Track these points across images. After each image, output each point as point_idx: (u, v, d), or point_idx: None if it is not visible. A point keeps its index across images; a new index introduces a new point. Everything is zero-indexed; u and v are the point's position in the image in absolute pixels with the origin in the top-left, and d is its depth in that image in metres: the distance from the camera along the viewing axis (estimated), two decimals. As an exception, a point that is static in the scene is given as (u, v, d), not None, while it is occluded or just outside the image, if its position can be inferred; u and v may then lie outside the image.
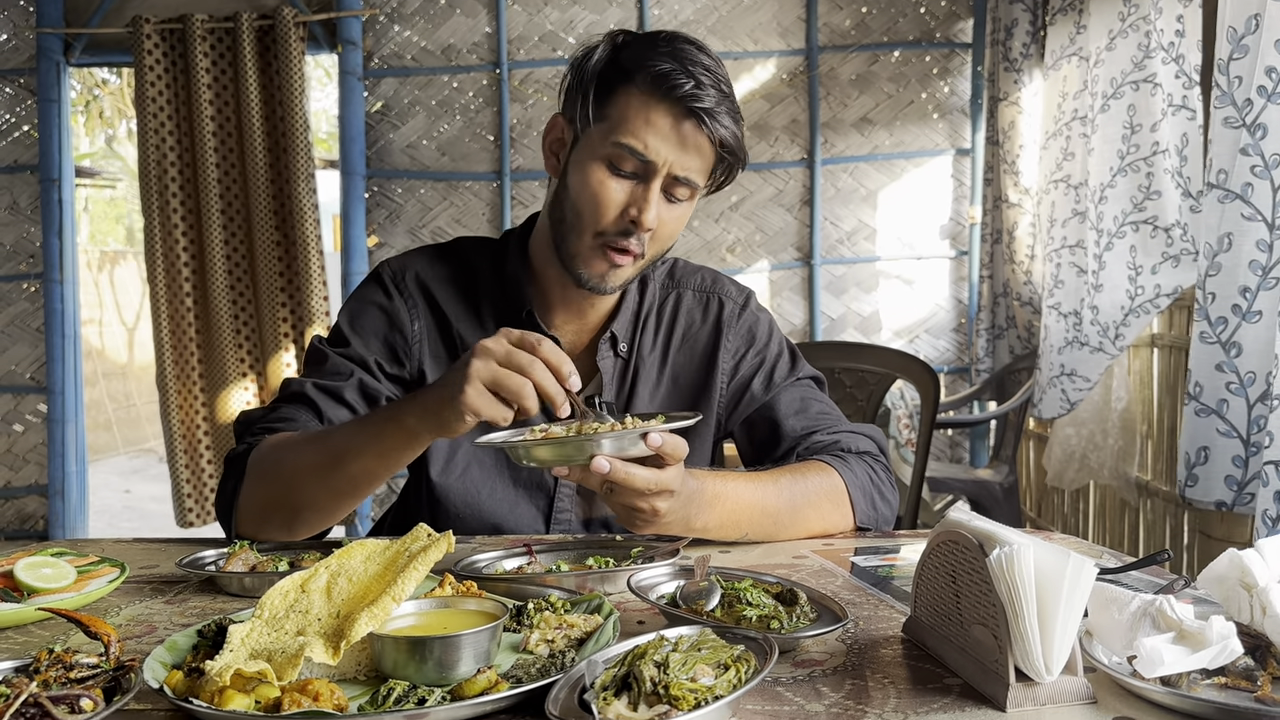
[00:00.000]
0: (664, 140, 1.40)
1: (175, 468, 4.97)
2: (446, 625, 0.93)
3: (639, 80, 1.40)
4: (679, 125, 1.40)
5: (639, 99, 1.40)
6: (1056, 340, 3.64)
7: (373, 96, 5.06)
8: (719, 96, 1.40)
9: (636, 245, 1.44)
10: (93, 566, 1.24)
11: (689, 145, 1.41)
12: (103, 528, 6.52)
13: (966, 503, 4.22)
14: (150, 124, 4.83)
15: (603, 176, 1.42)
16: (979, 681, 0.85)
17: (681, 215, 1.48)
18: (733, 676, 0.80)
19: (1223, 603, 0.91)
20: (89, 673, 0.84)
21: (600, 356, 1.58)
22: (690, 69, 1.38)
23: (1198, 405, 2.30)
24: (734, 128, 1.43)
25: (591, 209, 1.43)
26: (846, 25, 5.01)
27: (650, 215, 1.41)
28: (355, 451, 1.32)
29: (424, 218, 5.06)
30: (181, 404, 4.94)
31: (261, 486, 1.42)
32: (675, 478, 1.17)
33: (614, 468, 1.11)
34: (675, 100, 1.38)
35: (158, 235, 4.87)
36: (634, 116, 1.40)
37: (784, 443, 1.59)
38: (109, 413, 10.47)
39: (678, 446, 1.15)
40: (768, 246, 5.09)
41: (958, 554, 0.90)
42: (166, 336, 4.91)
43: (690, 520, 1.29)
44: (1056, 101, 3.75)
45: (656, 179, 1.41)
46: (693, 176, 1.43)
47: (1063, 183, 3.66)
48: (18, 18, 5.02)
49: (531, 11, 5.02)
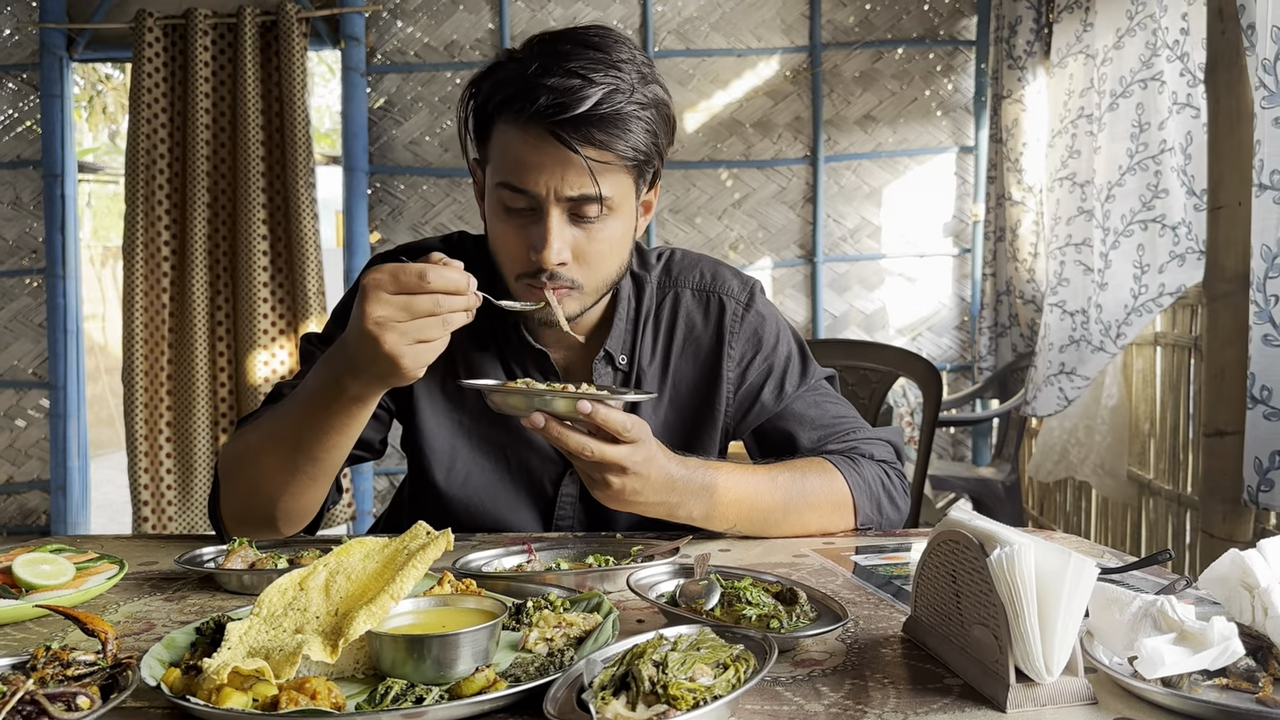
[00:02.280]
0: (536, 169, 1.28)
1: (134, 471, 4.86)
2: (445, 624, 0.92)
3: (500, 110, 1.30)
4: (543, 148, 1.27)
5: (502, 131, 1.31)
6: (1058, 338, 3.63)
7: (375, 92, 5.05)
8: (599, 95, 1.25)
9: (558, 281, 1.34)
10: (91, 563, 1.24)
11: (566, 165, 1.27)
12: (104, 523, 6.53)
13: (968, 501, 4.22)
14: (144, 115, 4.81)
15: (499, 223, 1.35)
16: (979, 682, 0.85)
17: (610, 235, 1.35)
18: (732, 676, 0.79)
19: (1224, 603, 0.91)
20: (86, 670, 0.84)
21: (597, 376, 1.53)
22: (544, 80, 1.24)
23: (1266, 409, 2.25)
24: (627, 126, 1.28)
25: (501, 254, 1.38)
26: (850, 22, 5.00)
27: (552, 251, 1.30)
28: (308, 430, 1.29)
29: (426, 214, 5.06)
30: (147, 402, 4.86)
31: (235, 487, 1.41)
32: (626, 454, 1.20)
33: (549, 425, 1.18)
34: (531, 121, 1.26)
35: (140, 227, 4.83)
36: (502, 152, 1.32)
37: (800, 453, 1.54)
38: (111, 408, 10.45)
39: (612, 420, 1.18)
40: (770, 244, 5.08)
41: (958, 554, 0.90)
42: (139, 332, 4.84)
43: (674, 508, 1.30)
44: (1062, 99, 3.74)
45: (550, 209, 1.30)
46: (587, 192, 1.29)
47: (1068, 180, 3.65)
48: (21, 13, 5.02)
49: (535, 8, 5.02)
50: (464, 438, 1.56)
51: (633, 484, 1.23)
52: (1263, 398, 2.26)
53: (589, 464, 1.21)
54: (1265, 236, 2.21)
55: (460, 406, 1.56)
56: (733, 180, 5.09)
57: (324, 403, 1.27)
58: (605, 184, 1.30)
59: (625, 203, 1.36)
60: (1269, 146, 2.18)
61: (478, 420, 1.56)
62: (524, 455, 1.57)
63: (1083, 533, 4.19)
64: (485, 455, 1.57)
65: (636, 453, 1.21)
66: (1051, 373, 3.62)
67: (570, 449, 1.19)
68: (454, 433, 1.56)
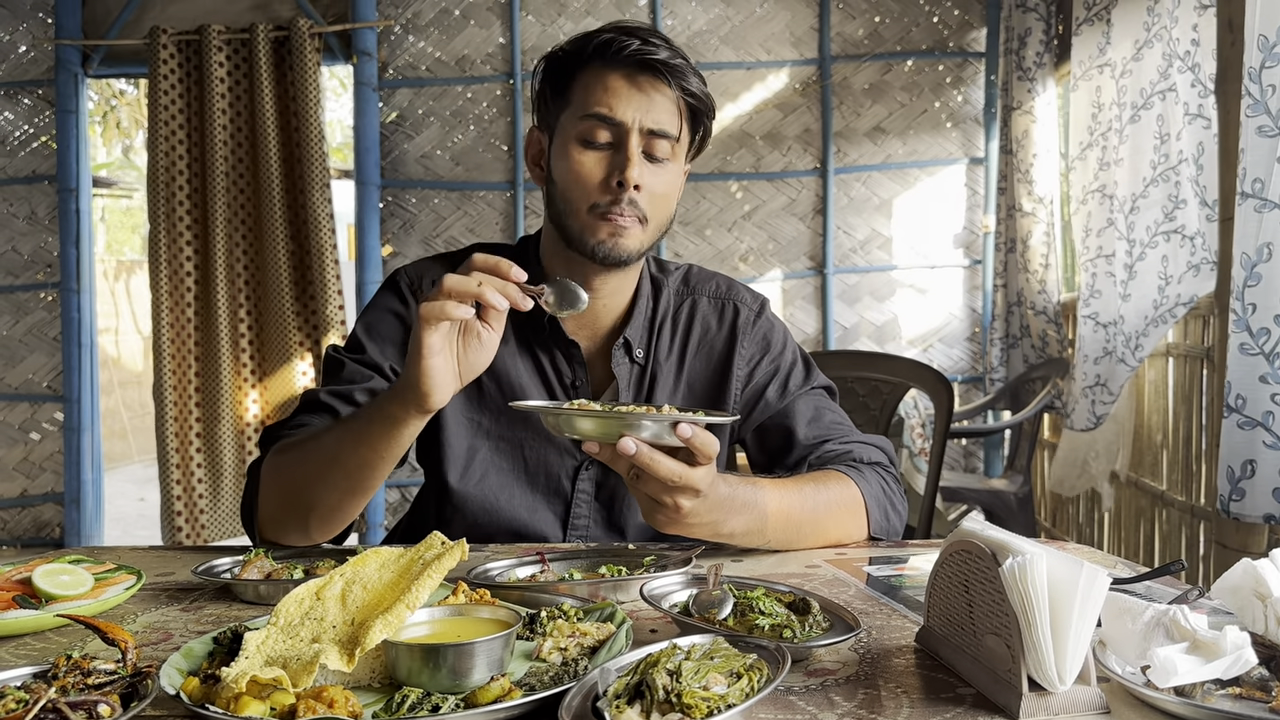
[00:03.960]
0: (625, 100, 1.44)
1: (167, 482, 4.92)
2: (460, 633, 0.93)
3: (589, 58, 1.46)
4: (635, 81, 1.44)
5: (592, 73, 1.46)
6: (1092, 350, 3.61)
7: (387, 107, 5.09)
8: (671, 52, 1.45)
9: (631, 209, 1.45)
10: (109, 574, 1.25)
11: (652, 98, 1.45)
12: (118, 535, 6.55)
13: (981, 513, 4.20)
14: (162, 131, 4.87)
15: (579, 154, 1.46)
16: (992, 691, 0.85)
17: (670, 178, 1.49)
18: (745, 685, 0.80)
19: (1237, 613, 0.91)
20: (106, 679, 0.85)
21: (615, 363, 1.58)
22: (634, 31, 1.44)
23: (1240, 418, 2.26)
24: (694, 77, 1.47)
25: (577, 186, 1.46)
26: (859, 35, 5.01)
27: (633, 173, 1.42)
28: (349, 446, 1.34)
29: (438, 227, 5.08)
30: (176, 415, 4.92)
31: (273, 493, 1.44)
32: (703, 477, 1.15)
33: (640, 450, 1.10)
34: (625, 60, 1.43)
35: (163, 243, 4.90)
36: (592, 88, 1.45)
37: (796, 450, 1.59)
38: (124, 421, 10.52)
39: (708, 443, 1.13)
40: (781, 255, 5.09)
41: (971, 563, 0.90)
42: (166, 346, 4.90)
43: (718, 525, 1.28)
44: (1090, 112, 3.72)
45: (630, 139, 1.44)
46: (666, 127, 1.45)
47: (1099, 193, 3.63)
48: (36, 30, 5.07)
49: (545, 22, 5.05)
50: (483, 438, 1.60)
51: (699, 506, 1.19)
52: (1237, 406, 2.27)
53: (667, 489, 1.15)
54: (1245, 245, 2.21)
55: (480, 408, 1.59)
56: (743, 192, 5.10)
57: (364, 423, 1.33)
58: (675, 123, 1.47)
59: (681, 152, 1.51)
60: (1252, 155, 2.19)
61: (496, 420, 1.59)
62: (541, 453, 1.59)
63: (1095, 544, 4.17)
64: (502, 455, 1.60)
65: (710, 474, 1.18)
66: (1087, 384, 3.59)
67: (662, 476, 1.12)
68: (473, 433, 1.59)
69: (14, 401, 5.18)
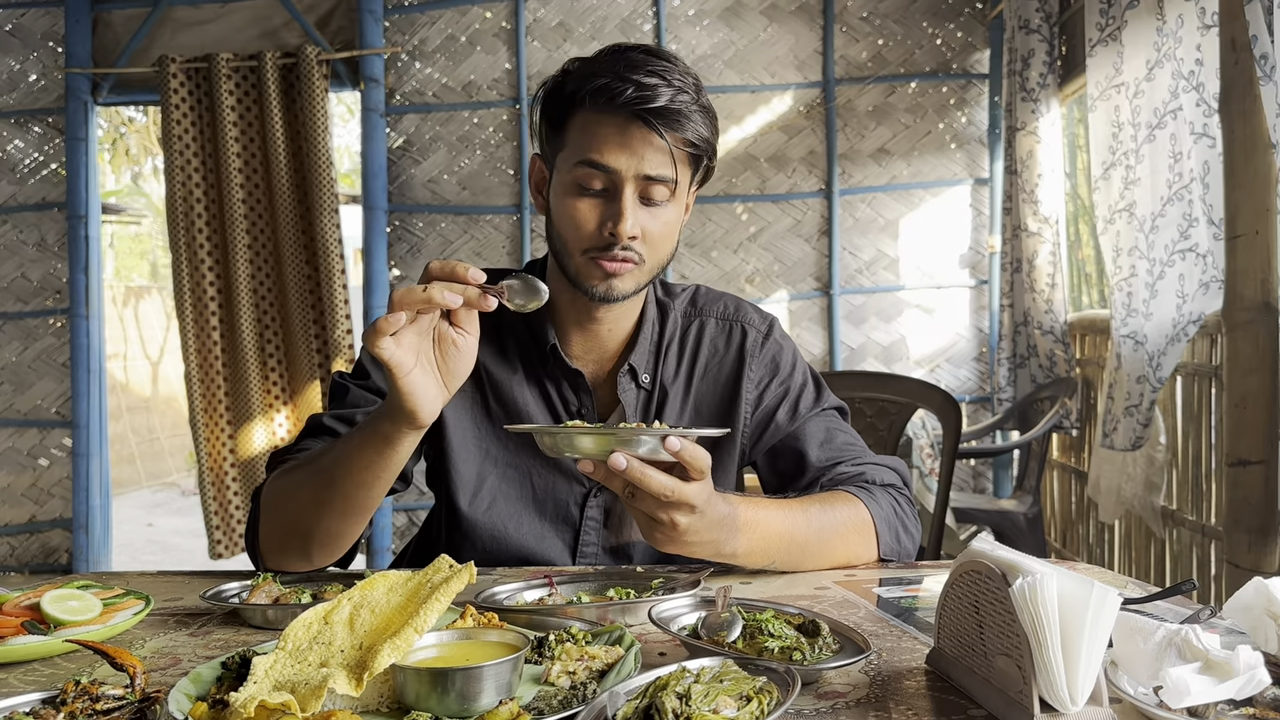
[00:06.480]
0: (619, 149, 1.41)
1: (205, 500, 5.03)
2: (468, 657, 0.93)
3: (584, 100, 1.43)
4: (628, 132, 1.41)
5: (587, 118, 1.43)
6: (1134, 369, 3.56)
7: (394, 132, 5.12)
8: (672, 93, 1.40)
9: (625, 254, 1.44)
10: (118, 599, 1.25)
11: (645, 149, 1.41)
12: (126, 561, 6.55)
13: (990, 533, 4.18)
14: (177, 161, 4.91)
15: (574, 199, 1.45)
16: (1003, 712, 0.85)
17: (670, 219, 1.47)
18: (755, 708, 0.80)
19: (1249, 632, 0.91)
20: (115, 704, 0.85)
21: (621, 390, 1.58)
22: (630, 75, 1.39)
23: None
24: (694, 121, 1.42)
25: (572, 231, 1.45)
26: (863, 57, 5.04)
27: (626, 225, 1.41)
28: (344, 468, 1.34)
29: (444, 251, 5.10)
30: (209, 437, 4.99)
31: (273, 518, 1.44)
32: (697, 493, 1.15)
33: (630, 465, 1.10)
34: (619, 109, 1.40)
35: (185, 271, 4.95)
36: (586, 135, 1.43)
37: (809, 473, 1.58)
38: (133, 446, 10.54)
39: (698, 457, 1.13)
40: (786, 277, 5.10)
41: (981, 584, 0.89)
42: (195, 372, 4.98)
43: (720, 545, 1.27)
44: (1111, 131, 3.71)
45: (625, 189, 1.42)
46: (663, 173, 1.42)
47: (1126, 212, 3.61)
48: (47, 58, 5.12)
49: (550, 48, 5.08)
50: (492, 465, 1.59)
51: (696, 523, 1.18)
52: None
53: (661, 505, 1.15)
54: None
55: (489, 435, 1.59)
56: (748, 214, 5.11)
57: (359, 443, 1.33)
58: (672, 168, 1.44)
59: (682, 192, 1.49)
60: None
61: (504, 447, 1.59)
62: (549, 480, 1.59)
63: (1106, 564, 4.14)
64: (510, 482, 1.59)
65: (704, 490, 1.18)
66: (1132, 403, 3.53)
67: (654, 491, 1.12)
68: (482, 460, 1.59)
69: (23, 427, 5.20)
